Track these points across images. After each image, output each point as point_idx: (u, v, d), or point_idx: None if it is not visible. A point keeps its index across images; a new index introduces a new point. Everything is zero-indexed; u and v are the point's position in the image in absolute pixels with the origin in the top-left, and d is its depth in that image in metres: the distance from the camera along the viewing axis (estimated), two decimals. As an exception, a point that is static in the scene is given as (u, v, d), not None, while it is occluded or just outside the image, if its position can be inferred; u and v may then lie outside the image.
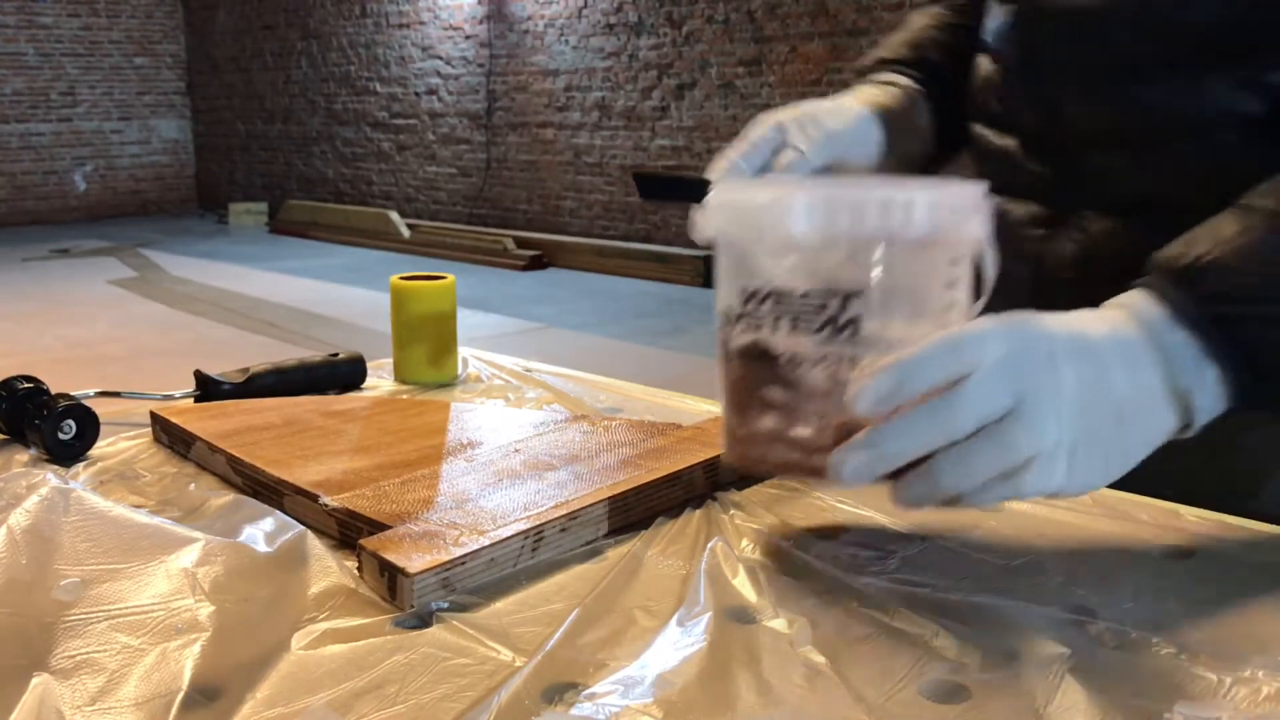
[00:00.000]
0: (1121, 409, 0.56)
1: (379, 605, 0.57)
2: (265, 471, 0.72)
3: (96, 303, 6.41)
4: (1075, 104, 0.77)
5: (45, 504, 0.66)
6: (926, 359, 0.53)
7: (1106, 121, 0.76)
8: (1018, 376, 0.53)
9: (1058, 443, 0.53)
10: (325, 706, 0.47)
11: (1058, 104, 0.78)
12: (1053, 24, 0.77)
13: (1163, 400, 0.57)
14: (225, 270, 7.56)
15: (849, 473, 0.54)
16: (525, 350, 4.29)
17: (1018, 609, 0.56)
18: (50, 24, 10.62)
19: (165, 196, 11.59)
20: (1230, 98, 0.69)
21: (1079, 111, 0.77)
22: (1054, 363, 0.54)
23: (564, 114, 8.10)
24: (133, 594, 0.57)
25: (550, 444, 0.78)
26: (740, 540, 0.65)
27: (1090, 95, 0.76)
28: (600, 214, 7.94)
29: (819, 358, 0.57)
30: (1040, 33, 0.78)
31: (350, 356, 1.02)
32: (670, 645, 0.52)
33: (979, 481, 0.53)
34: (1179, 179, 0.73)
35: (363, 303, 6.29)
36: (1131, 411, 0.56)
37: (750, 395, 0.60)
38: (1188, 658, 0.51)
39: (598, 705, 0.47)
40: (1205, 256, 0.59)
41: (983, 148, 0.89)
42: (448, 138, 9.09)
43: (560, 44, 8.00)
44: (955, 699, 0.48)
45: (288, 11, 10.43)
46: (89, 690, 0.49)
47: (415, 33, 9.20)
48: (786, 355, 0.58)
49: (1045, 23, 0.77)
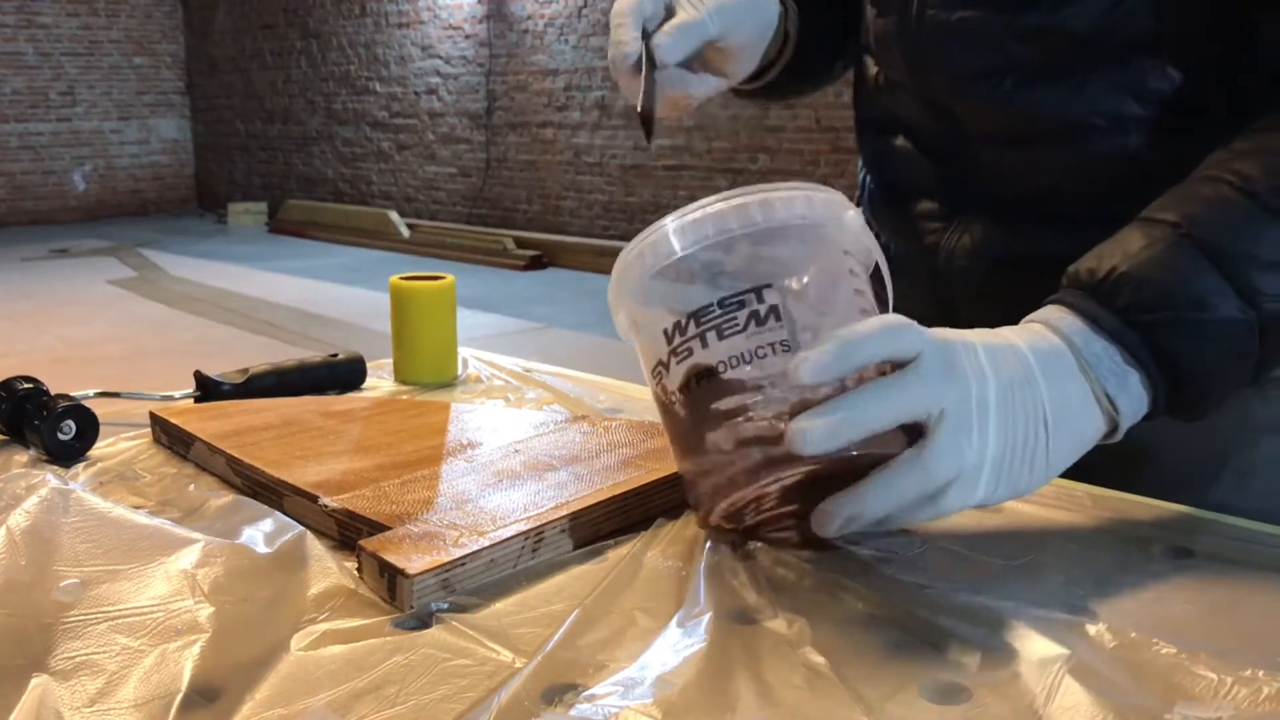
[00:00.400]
0: (1047, 417, 0.58)
1: (379, 606, 0.57)
2: (265, 472, 0.72)
3: (96, 303, 6.41)
4: (963, 108, 0.79)
5: (45, 505, 0.66)
6: (869, 335, 0.55)
7: (995, 124, 0.78)
8: (946, 385, 0.56)
9: (978, 462, 0.57)
10: (325, 707, 0.47)
11: (947, 108, 0.80)
12: (935, 34, 0.78)
13: (1089, 406, 0.60)
14: (225, 270, 7.56)
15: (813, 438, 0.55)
16: (525, 350, 4.29)
17: (1018, 609, 0.55)
18: (49, 23, 10.62)
19: (164, 196, 11.58)
20: (1111, 101, 0.72)
21: (967, 113, 0.79)
22: (980, 374, 0.57)
23: (564, 113, 8.10)
24: (132, 595, 0.57)
25: (550, 445, 0.78)
26: (740, 540, 0.65)
27: (977, 99, 0.77)
28: (600, 214, 7.94)
29: (754, 349, 0.59)
30: (924, 41, 0.79)
31: (350, 357, 1.02)
32: (670, 646, 0.52)
33: (904, 502, 0.57)
34: (1066, 176, 0.76)
35: (362, 303, 6.29)
36: (1058, 419, 0.59)
37: (702, 420, 0.60)
38: (1188, 658, 0.51)
39: (598, 706, 0.47)
40: (1117, 269, 0.61)
41: (876, 147, 0.91)
42: (447, 137, 9.09)
43: (560, 43, 8.00)
44: (955, 699, 0.48)
45: (287, 11, 10.43)
46: (88, 691, 0.49)
47: (415, 32, 9.20)
48: (723, 362, 0.59)
49: (928, 33, 0.78)
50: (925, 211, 0.85)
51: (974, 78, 0.76)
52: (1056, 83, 0.73)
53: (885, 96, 0.87)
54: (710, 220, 0.60)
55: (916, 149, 0.85)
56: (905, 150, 0.86)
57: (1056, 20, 0.72)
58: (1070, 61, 0.73)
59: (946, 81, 0.79)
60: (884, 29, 0.82)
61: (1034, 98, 0.74)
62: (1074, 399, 0.59)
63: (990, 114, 0.77)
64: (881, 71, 0.86)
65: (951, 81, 0.78)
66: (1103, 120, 0.73)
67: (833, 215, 0.62)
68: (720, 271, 0.60)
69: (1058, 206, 0.77)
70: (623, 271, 0.63)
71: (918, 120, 0.84)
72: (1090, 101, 0.73)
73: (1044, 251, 0.76)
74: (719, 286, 0.60)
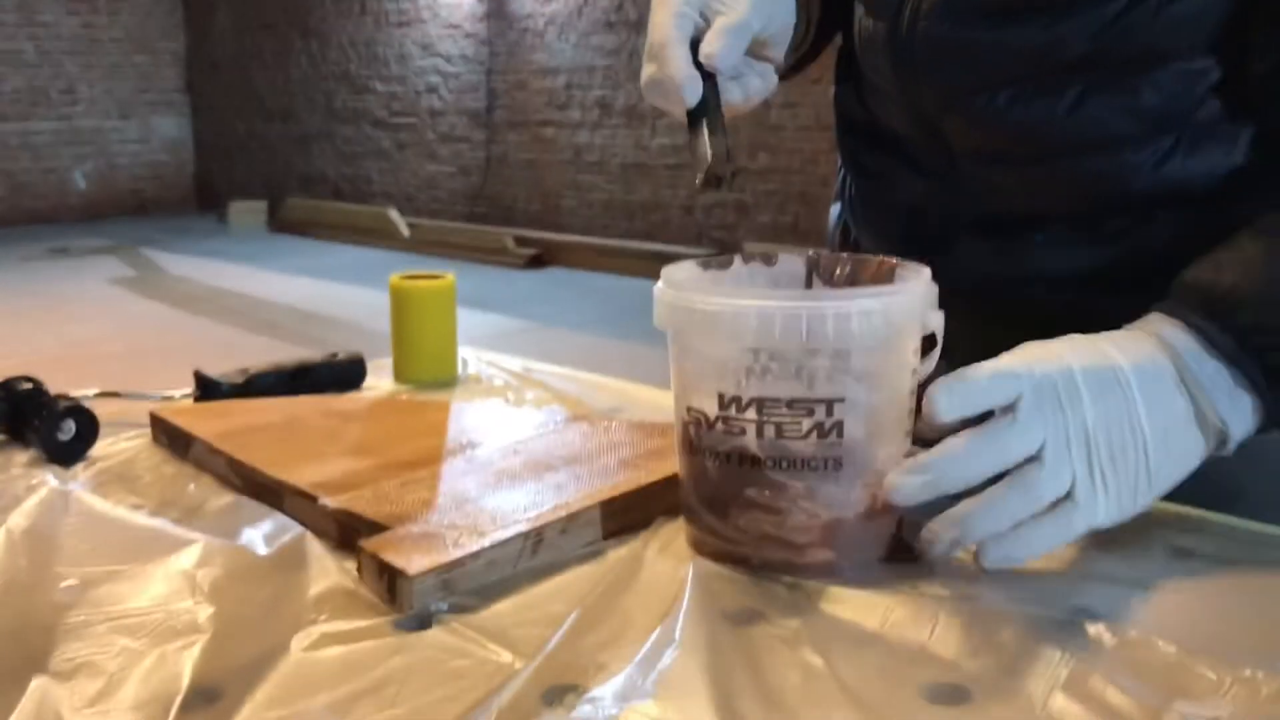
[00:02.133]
0: (1150, 439, 0.58)
1: (378, 607, 0.57)
2: (264, 472, 0.72)
3: (96, 302, 6.41)
4: (951, 123, 0.77)
5: (44, 505, 0.66)
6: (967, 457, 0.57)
7: (984, 141, 0.76)
8: (1044, 423, 0.56)
9: (1079, 483, 0.56)
10: (325, 708, 0.47)
11: (934, 122, 0.78)
12: (927, 46, 0.75)
13: (1191, 427, 0.59)
14: (225, 269, 7.56)
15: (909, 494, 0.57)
16: (525, 350, 4.29)
17: (1018, 609, 0.55)
18: (50, 22, 10.61)
19: (165, 195, 11.57)
20: (1106, 119, 0.70)
21: (955, 129, 0.77)
22: (1075, 401, 0.57)
23: (564, 112, 8.09)
24: (132, 596, 0.57)
25: (550, 445, 0.77)
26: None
27: (967, 115, 0.75)
28: (600, 213, 7.94)
29: (807, 460, 0.58)
30: (914, 53, 0.76)
31: (350, 356, 1.02)
32: (670, 647, 0.52)
33: (1006, 525, 0.57)
34: (1055, 195, 0.75)
35: (362, 302, 6.29)
36: (1160, 441, 0.58)
37: (732, 496, 0.60)
38: (1188, 658, 0.51)
39: (598, 707, 0.47)
40: (1238, 288, 0.60)
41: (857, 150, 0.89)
42: (448, 136, 9.09)
43: (560, 42, 8.00)
44: (955, 699, 0.48)
45: (287, 10, 10.42)
46: (88, 692, 0.49)
47: (415, 31, 9.20)
48: (772, 460, 0.59)
49: (919, 44, 0.75)
50: (911, 225, 0.83)
51: (965, 93, 0.74)
52: (1051, 100, 0.71)
53: (870, 99, 0.84)
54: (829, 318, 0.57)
55: (900, 161, 0.83)
56: (888, 160, 0.84)
57: (1053, 35, 0.70)
58: (1066, 78, 0.71)
59: (936, 95, 0.76)
60: (873, 34, 0.80)
61: (1028, 115, 0.72)
62: (1178, 420, 0.59)
63: (980, 131, 0.75)
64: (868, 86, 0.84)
65: (941, 96, 0.76)
66: (1097, 139, 0.71)
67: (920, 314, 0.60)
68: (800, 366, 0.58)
69: (1046, 225, 0.76)
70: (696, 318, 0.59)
71: (904, 130, 0.82)
72: (1085, 119, 0.71)
73: (1032, 269, 0.75)
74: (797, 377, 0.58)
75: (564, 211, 8.20)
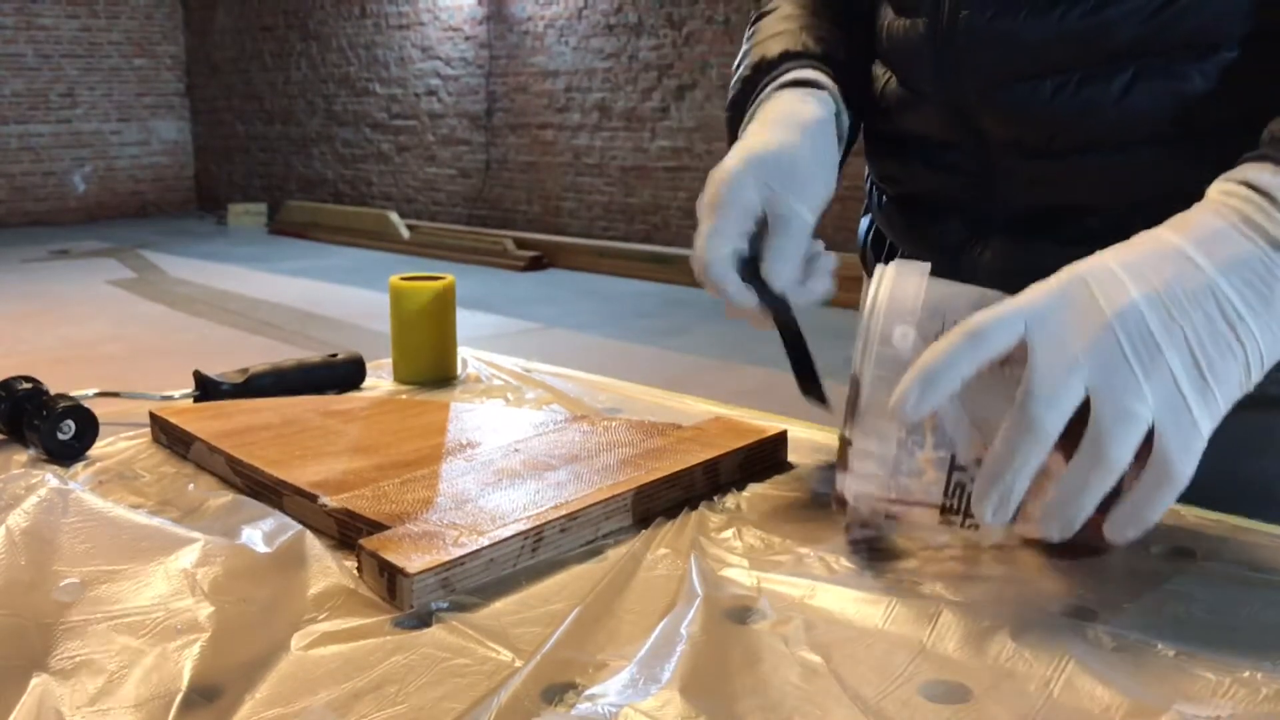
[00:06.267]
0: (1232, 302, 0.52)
1: (378, 606, 0.57)
2: (264, 472, 0.72)
3: (96, 303, 6.41)
4: (991, 116, 0.75)
5: (44, 505, 0.66)
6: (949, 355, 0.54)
7: (1025, 132, 0.74)
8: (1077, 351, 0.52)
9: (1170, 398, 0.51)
10: (325, 707, 0.47)
11: (972, 117, 0.76)
12: (969, 36, 0.74)
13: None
14: (225, 271, 7.56)
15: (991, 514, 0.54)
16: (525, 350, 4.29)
17: (1018, 609, 0.55)
18: (49, 25, 10.62)
19: (164, 197, 11.58)
20: (1153, 109, 0.69)
21: (995, 123, 0.75)
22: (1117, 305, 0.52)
23: (564, 115, 8.10)
24: (132, 595, 0.57)
25: (550, 444, 0.78)
26: (739, 541, 0.65)
27: (1010, 106, 0.74)
28: (600, 215, 7.94)
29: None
30: (956, 45, 0.74)
31: (349, 357, 1.02)
32: (669, 645, 0.52)
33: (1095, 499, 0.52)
34: (1095, 189, 0.73)
35: (362, 303, 6.29)
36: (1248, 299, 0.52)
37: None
38: (1188, 658, 0.51)
39: (597, 705, 0.47)
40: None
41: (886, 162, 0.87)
42: (447, 139, 9.09)
43: (560, 45, 8.00)
44: (955, 699, 0.48)
45: (287, 12, 10.44)
46: (88, 691, 0.49)
47: (415, 34, 9.20)
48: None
49: (961, 36, 0.74)
50: (944, 228, 0.82)
51: (1010, 83, 0.73)
52: (1098, 89, 0.69)
53: (896, 111, 0.83)
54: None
55: (933, 166, 0.82)
56: (920, 168, 0.83)
57: (1100, 20, 0.68)
58: (1113, 66, 0.69)
59: (979, 87, 0.74)
60: (908, 33, 0.78)
61: (1073, 104, 0.70)
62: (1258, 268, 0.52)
63: (1022, 122, 0.74)
64: (893, 84, 0.82)
65: (984, 87, 0.74)
66: (1143, 129, 0.70)
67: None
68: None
69: (1085, 221, 0.74)
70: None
71: (937, 134, 0.80)
72: (1131, 109, 0.69)
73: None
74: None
75: (564, 214, 8.21)
